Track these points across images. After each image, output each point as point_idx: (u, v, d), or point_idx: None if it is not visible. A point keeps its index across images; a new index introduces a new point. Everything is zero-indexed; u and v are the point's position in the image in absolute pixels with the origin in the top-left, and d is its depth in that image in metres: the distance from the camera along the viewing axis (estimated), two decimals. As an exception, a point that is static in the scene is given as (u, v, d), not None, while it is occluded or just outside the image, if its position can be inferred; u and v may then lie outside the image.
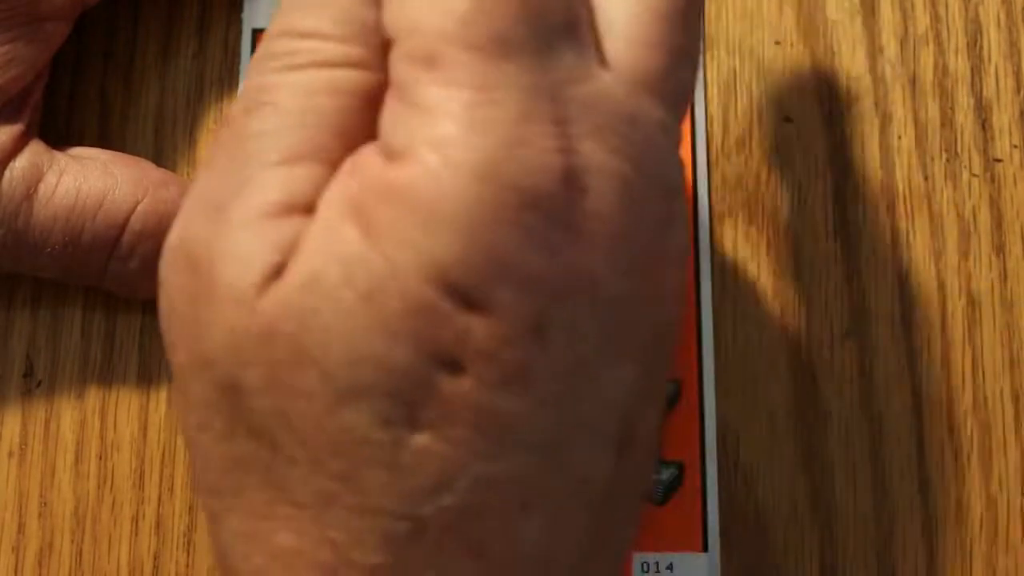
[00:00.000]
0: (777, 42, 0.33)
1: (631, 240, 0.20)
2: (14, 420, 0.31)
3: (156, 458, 0.30)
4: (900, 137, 0.32)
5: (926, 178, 0.32)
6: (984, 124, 0.32)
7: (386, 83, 0.20)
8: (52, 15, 0.29)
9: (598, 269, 0.19)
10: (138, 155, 0.31)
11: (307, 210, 0.19)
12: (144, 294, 0.30)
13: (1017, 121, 0.32)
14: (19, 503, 0.30)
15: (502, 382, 0.18)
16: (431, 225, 0.18)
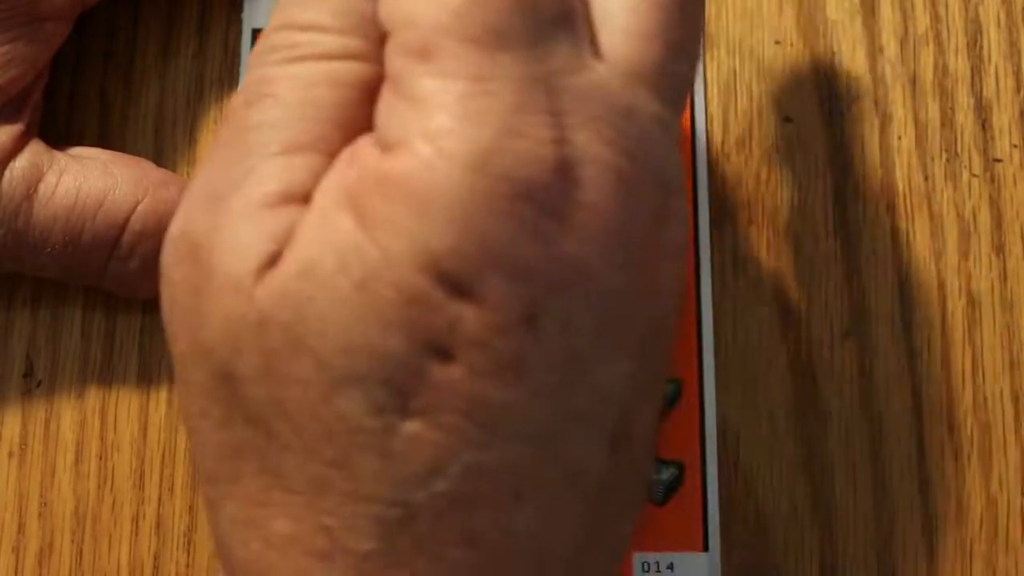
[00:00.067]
0: (777, 42, 0.33)
1: (626, 233, 0.20)
2: (14, 420, 0.31)
3: (156, 458, 0.30)
4: (900, 137, 0.32)
5: (926, 178, 0.32)
6: (984, 124, 0.32)
7: (384, 75, 0.20)
8: (52, 15, 0.29)
9: (592, 261, 0.19)
10: (138, 155, 0.31)
11: (305, 200, 0.19)
12: (144, 294, 0.30)
13: (1017, 121, 0.32)
14: (19, 503, 0.30)
15: (494, 371, 0.18)
16: (425, 215, 0.18)
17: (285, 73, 0.20)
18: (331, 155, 0.20)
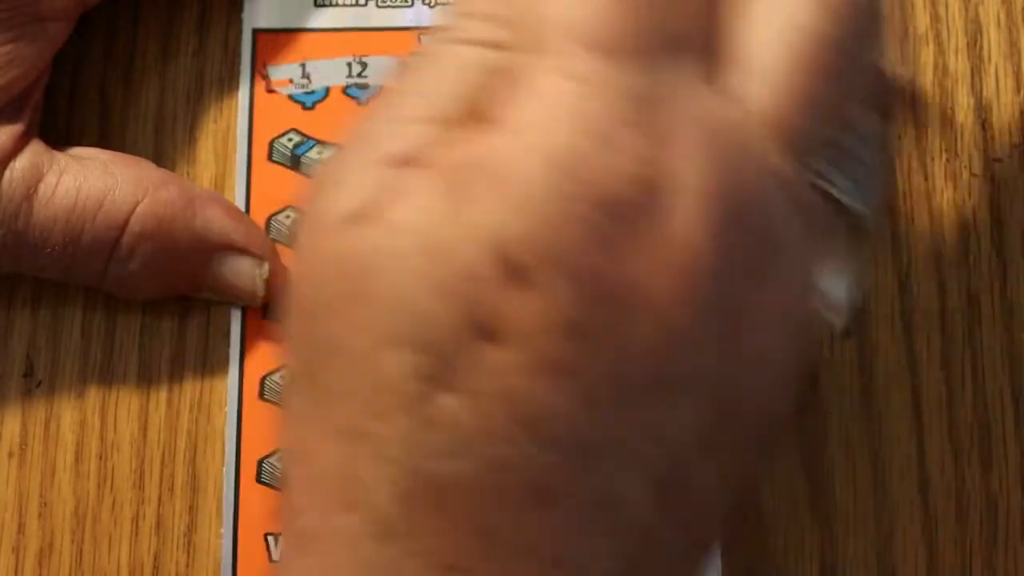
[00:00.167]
0: (777, 42, 0.33)
1: (701, 277, 0.19)
2: (14, 420, 0.31)
3: (156, 458, 0.30)
4: (900, 137, 0.32)
5: (926, 178, 0.32)
6: (984, 124, 0.32)
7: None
8: (53, 16, 0.29)
9: (660, 291, 0.19)
10: (138, 155, 0.31)
11: (415, 165, 0.20)
12: (144, 295, 0.30)
13: (1017, 121, 0.32)
14: (19, 503, 0.30)
15: (539, 369, 0.19)
16: (505, 200, 0.19)
17: (439, 51, 0.21)
18: (450, 130, 0.20)
